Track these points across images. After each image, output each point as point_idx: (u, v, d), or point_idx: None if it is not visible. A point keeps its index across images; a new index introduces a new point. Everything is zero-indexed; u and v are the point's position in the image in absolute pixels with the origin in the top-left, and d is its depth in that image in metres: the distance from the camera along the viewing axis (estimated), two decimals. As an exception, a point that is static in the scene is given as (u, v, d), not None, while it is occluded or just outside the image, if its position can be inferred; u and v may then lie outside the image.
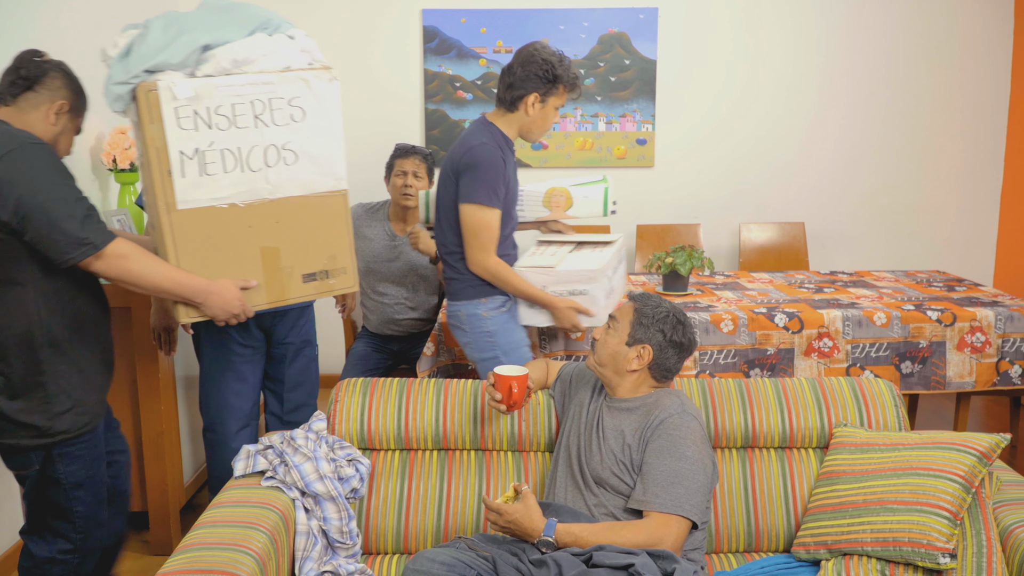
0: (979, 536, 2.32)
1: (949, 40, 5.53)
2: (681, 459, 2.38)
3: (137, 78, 2.46)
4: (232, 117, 2.50)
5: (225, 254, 2.60)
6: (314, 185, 2.67)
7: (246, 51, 2.49)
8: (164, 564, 2.14)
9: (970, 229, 5.78)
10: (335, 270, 2.75)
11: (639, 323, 2.55)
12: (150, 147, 2.47)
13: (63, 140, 2.60)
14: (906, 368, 3.74)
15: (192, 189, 2.51)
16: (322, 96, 2.59)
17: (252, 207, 2.61)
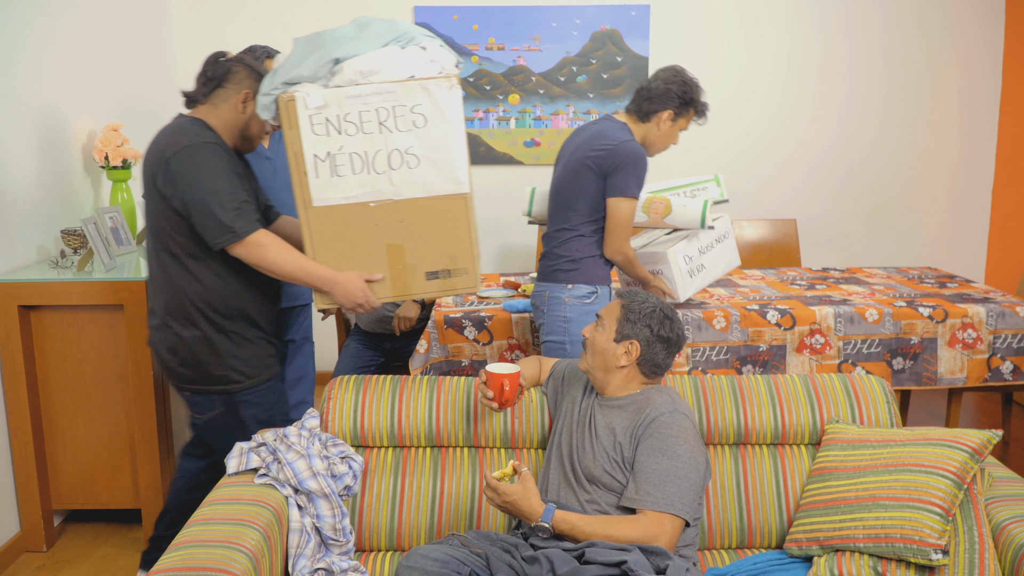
0: (971, 532, 2.33)
1: (941, 37, 5.54)
2: (673, 457, 2.38)
3: (277, 89, 2.70)
4: (359, 123, 2.71)
5: (354, 249, 2.80)
6: (435, 188, 2.79)
7: (371, 63, 2.69)
8: (157, 561, 2.14)
9: (962, 226, 5.79)
10: (456, 270, 2.87)
11: (626, 319, 2.55)
12: (290, 150, 2.71)
13: (254, 124, 2.88)
14: (898, 364, 3.75)
15: (325, 188, 2.73)
16: (442, 103, 2.73)
17: (378, 207, 2.78)
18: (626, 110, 3.46)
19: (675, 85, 3.37)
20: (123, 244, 4.02)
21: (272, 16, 5.39)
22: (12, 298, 3.45)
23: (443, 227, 2.82)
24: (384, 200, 2.77)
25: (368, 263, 2.80)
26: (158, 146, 2.76)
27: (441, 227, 2.82)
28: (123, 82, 4.64)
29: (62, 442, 3.66)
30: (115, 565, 3.56)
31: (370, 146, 2.73)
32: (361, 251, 2.81)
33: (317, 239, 2.78)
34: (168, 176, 2.70)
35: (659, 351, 2.55)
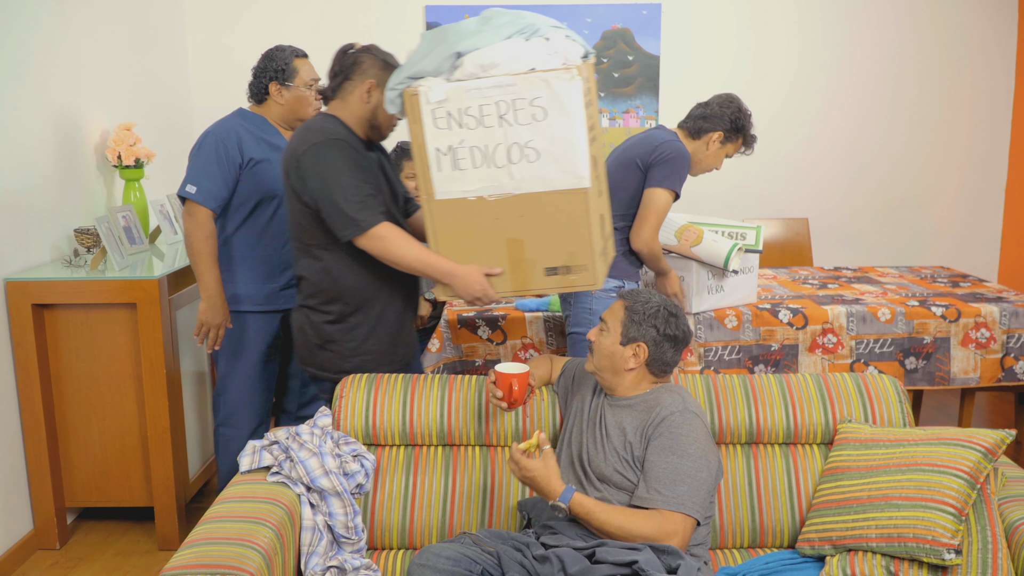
0: (984, 532, 2.33)
1: (953, 36, 5.52)
2: (683, 457, 2.38)
3: (403, 84, 2.73)
4: (479, 117, 2.68)
5: (475, 242, 2.80)
6: (555, 182, 2.73)
7: (492, 56, 2.65)
8: (170, 559, 2.15)
9: (974, 225, 5.77)
10: (576, 266, 2.80)
11: (631, 321, 2.53)
12: (415, 144, 2.74)
13: (381, 114, 2.93)
14: (910, 364, 3.74)
15: (447, 182, 2.74)
16: (561, 95, 2.64)
17: (498, 201, 2.75)
18: (679, 125, 3.56)
19: (730, 111, 3.48)
20: (136, 243, 4.03)
21: (283, 14, 5.40)
22: (26, 297, 3.46)
23: (562, 222, 2.76)
24: (504, 194, 2.74)
25: (488, 257, 2.80)
26: (292, 144, 2.85)
27: (560, 222, 2.76)
28: (136, 81, 4.66)
29: (75, 440, 3.67)
30: (128, 563, 3.58)
31: (490, 140, 2.70)
32: (482, 245, 2.79)
33: (440, 231, 2.79)
34: (299, 173, 2.79)
35: (667, 350, 2.54)
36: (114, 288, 3.53)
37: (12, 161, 3.54)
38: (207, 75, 5.42)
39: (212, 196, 3.29)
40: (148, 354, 3.55)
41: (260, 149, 3.38)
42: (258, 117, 3.45)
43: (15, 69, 3.56)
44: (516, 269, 2.81)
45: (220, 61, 5.41)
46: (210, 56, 5.42)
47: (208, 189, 3.28)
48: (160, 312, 3.53)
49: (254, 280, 3.43)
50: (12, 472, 3.53)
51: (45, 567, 3.53)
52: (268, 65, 3.41)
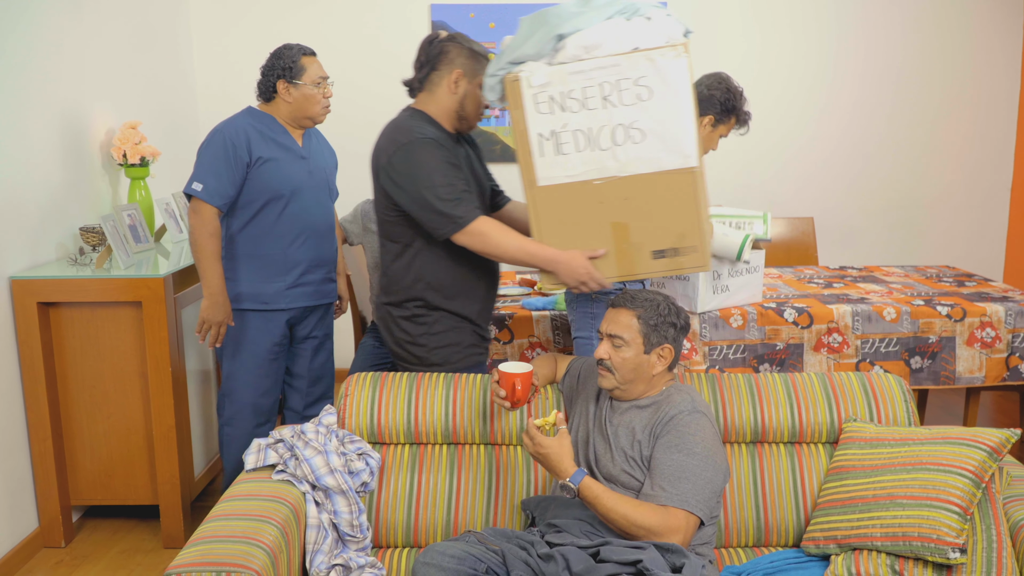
0: (989, 531, 2.32)
1: (959, 35, 5.51)
2: (690, 455, 2.38)
3: (503, 70, 2.71)
4: (583, 100, 2.66)
5: (579, 228, 2.77)
6: (662, 163, 2.70)
7: (594, 37, 2.63)
8: (176, 557, 2.15)
9: (980, 224, 5.76)
10: (684, 248, 2.77)
11: (649, 328, 2.50)
12: (516, 130, 2.71)
13: (469, 104, 2.93)
14: (915, 363, 3.73)
15: (549, 167, 2.72)
16: (667, 73, 2.63)
17: (603, 184, 2.73)
18: None
19: (719, 92, 3.39)
20: (141, 241, 4.03)
21: (288, 13, 5.41)
22: (31, 295, 3.47)
23: (670, 204, 2.73)
24: (609, 177, 2.71)
25: (593, 242, 2.77)
26: (381, 144, 2.88)
27: (668, 204, 2.73)
28: (141, 80, 4.67)
29: (80, 438, 3.68)
30: (133, 561, 3.58)
31: (594, 122, 2.67)
32: (586, 230, 2.76)
33: (543, 219, 2.77)
34: (389, 175, 2.82)
35: (682, 343, 2.57)
36: (119, 286, 3.54)
37: (18, 159, 3.54)
38: (212, 74, 5.43)
39: (218, 194, 3.29)
40: (153, 352, 3.56)
41: (268, 148, 3.38)
42: (267, 116, 3.45)
43: (21, 68, 3.57)
44: (622, 254, 2.78)
45: (225, 60, 5.42)
46: (215, 55, 5.43)
47: (215, 187, 3.28)
48: (165, 310, 3.53)
49: (259, 279, 3.43)
50: (17, 470, 3.53)
51: (50, 565, 3.54)
52: (276, 63, 3.41)
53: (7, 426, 3.46)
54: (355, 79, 5.44)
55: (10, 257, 3.49)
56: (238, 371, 3.49)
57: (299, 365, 3.63)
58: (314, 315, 3.60)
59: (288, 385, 3.68)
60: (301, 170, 3.46)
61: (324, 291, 3.61)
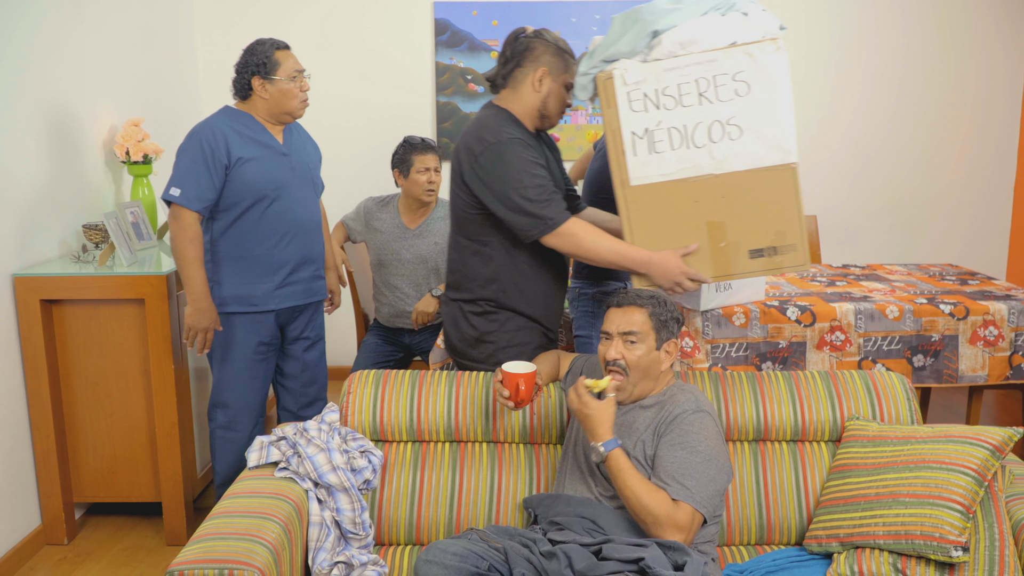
0: (991, 530, 2.32)
1: (962, 34, 5.50)
2: (693, 452, 2.38)
3: (596, 68, 2.69)
4: (678, 96, 2.63)
5: (673, 227, 2.72)
6: (760, 159, 2.67)
7: (691, 33, 2.61)
8: (179, 554, 2.15)
9: (983, 222, 5.76)
10: (784, 246, 2.72)
11: (660, 323, 2.51)
12: (608, 129, 2.68)
13: (551, 102, 2.88)
14: (918, 362, 3.73)
15: (643, 166, 2.68)
16: (767, 68, 2.60)
17: (698, 182, 2.69)
18: None
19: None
20: (144, 239, 4.04)
21: (291, 10, 5.40)
22: (34, 292, 3.47)
23: (769, 201, 2.68)
24: (704, 175, 2.67)
25: (687, 242, 2.73)
26: (467, 142, 2.83)
27: (767, 201, 2.68)
28: (144, 77, 4.67)
29: (83, 435, 3.68)
30: (136, 558, 3.58)
31: (689, 119, 2.64)
32: (680, 230, 2.72)
33: (635, 219, 2.73)
34: (475, 174, 2.78)
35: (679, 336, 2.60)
36: (122, 284, 3.54)
37: (20, 157, 3.55)
38: (215, 71, 5.42)
39: (198, 198, 3.24)
40: (156, 350, 3.56)
41: (248, 148, 3.32)
42: (244, 115, 3.39)
43: (23, 65, 3.57)
44: (717, 253, 2.73)
45: (228, 57, 5.40)
46: (218, 52, 5.43)
47: (194, 191, 3.23)
48: (168, 308, 3.54)
49: (246, 281, 3.39)
50: (20, 468, 3.54)
51: (53, 562, 3.54)
52: (249, 60, 3.35)
53: (10, 423, 3.46)
54: (358, 76, 5.45)
55: (13, 254, 3.50)
56: (228, 375, 3.45)
57: (291, 366, 3.62)
58: (304, 314, 3.57)
59: (281, 386, 3.66)
60: (283, 167, 3.41)
61: (314, 288, 3.58)
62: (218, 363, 3.47)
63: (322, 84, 5.36)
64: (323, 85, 5.36)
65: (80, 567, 3.51)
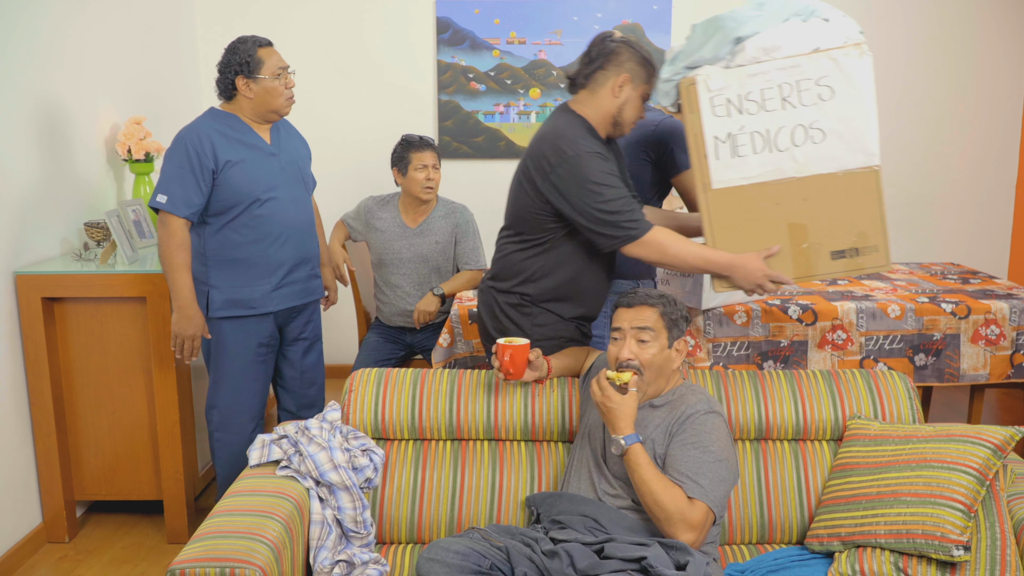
0: (993, 529, 2.32)
1: (964, 32, 5.50)
2: (706, 452, 2.38)
3: (679, 74, 2.74)
4: (761, 101, 2.69)
5: (754, 230, 2.76)
6: (843, 162, 2.72)
7: (774, 39, 2.67)
8: (180, 552, 2.15)
9: (985, 221, 5.75)
10: (865, 248, 2.76)
11: (671, 322, 2.51)
12: (690, 134, 2.73)
13: (628, 110, 2.86)
14: (920, 360, 3.73)
15: (725, 170, 2.73)
16: (851, 72, 2.67)
17: (780, 185, 2.73)
18: None
19: None
20: (146, 237, 4.04)
21: (291, 9, 5.40)
22: (36, 290, 3.47)
23: (851, 203, 2.73)
24: (787, 178, 2.73)
25: (768, 244, 2.76)
26: (542, 149, 2.79)
27: (849, 203, 2.73)
28: (146, 76, 4.67)
29: (85, 434, 3.68)
30: (137, 556, 3.59)
31: (772, 124, 2.70)
32: (761, 232, 2.76)
33: (716, 222, 2.77)
34: (554, 184, 2.75)
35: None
36: (124, 282, 3.54)
37: (22, 155, 3.55)
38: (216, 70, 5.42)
39: (185, 204, 3.20)
40: (158, 348, 3.56)
41: (235, 150, 3.28)
42: (230, 116, 3.34)
43: (24, 63, 3.57)
44: (799, 255, 2.77)
45: (230, 56, 5.42)
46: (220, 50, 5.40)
47: (181, 197, 3.19)
48: (170, 306, 3.53)
49: (241, 284, 3.35)
50: (22, 465, 3.54)
51: (54, 560, 3.54)
52: (232, 59, 3.30)
53: (11, 421, 3.47)
54: (359, 74, 5.45)
55: (14, 252, 3.50)
56: (225, 378, 3.43)
57: (290, 367, 3.61)
58: (303, 315, 3.56)
59: (280, 387, 3.65)
60: (272, 168, 3.37)
61: (311, 288, 3.57)
62: (214, 366, 3.45)
63: (322, 82, 5.36)
64: (323, 83, 5.37)
65: (81, 565, 3.51)
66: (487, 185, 5.47)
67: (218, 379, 3.44)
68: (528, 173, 2.83)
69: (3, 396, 3.42)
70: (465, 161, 5.53)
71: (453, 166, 5.46)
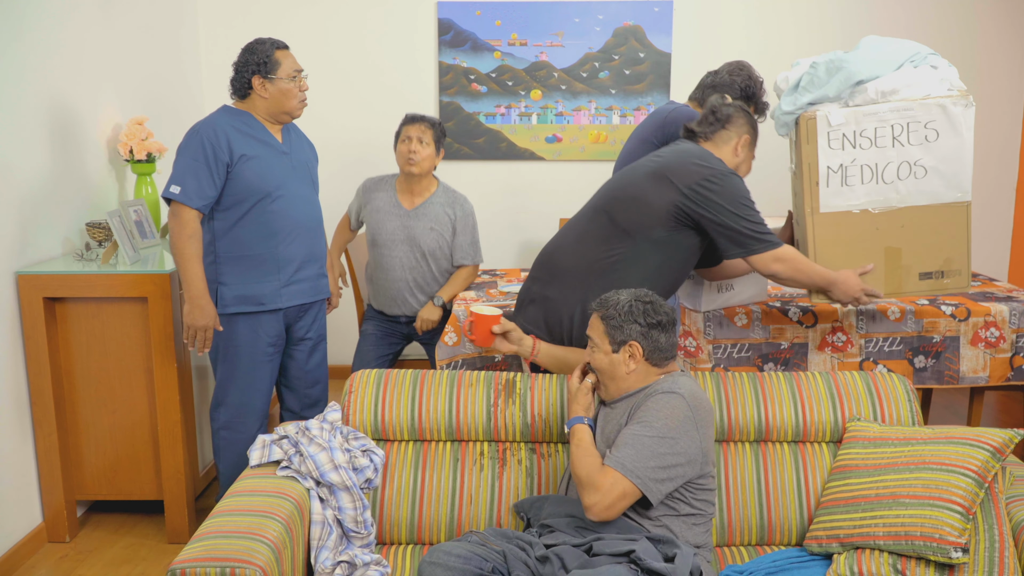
0: (991, 531, 2.33)
1: (964, 34, 5.50)
2: (647, 427, 2.37)
3: (801, 109, 3.13)
4: (873, 138, 3.08)
5: (853, 250, 3.18)
6: (940, 196, 3.13)
7: (892, 83, 3.05)
8: (180, 552, 2.16)
9: (985, 225, 5.75)
10: (950, 271, 3.22)
11: (612, 327, 2.51)
12: (804, 162, 3.13)
13: (743, 167, 3.14)
14: (919, 363, 3.73)
15: (833, 197, 3.14)
16: (956, 119, 3.05)
17: (882, 213, 3.15)
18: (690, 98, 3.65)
19: (740, 78, 3.57)
20: (147, 237, 4.04)
21: (294, 9, 5.41)
22: (37, 290, 3.48)
23: (942, 231, 3.15)
24: (889, 207, 3.14)
25: (864, 263, 3.18)
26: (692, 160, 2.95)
27: (940, 231, 3.15)
28: (148, 76, 4.67)
29: (86, 433, 3.69)
30: (137, 556, 3.59)
31: (881, 159, 3.09)
32: (859, 253, 3.17)
33: (819, 241, 3.17)
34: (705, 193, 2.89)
35: (658, 337, 2.51)
36: (125, 282, 3.55)
37: (24, 155, 3.55)
38: (219, 70, 5.43)
39: (198, 196, 3.23)
40: (159, 348, 3.56)
41: (249, 145, 3.32)
42: (244, 113, 3.39)
43: (26, 63, 3.57)
44: (891, 274, 3.19)
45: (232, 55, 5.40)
46: (222, 50, 5.43)
47: (194, 189, 3.22)
48: (171, 306, 3.54)
49: (251, 280, 3.38)
50: (22, 465, 3.54)
51: (55, 560, 3.55)
52: (249, 59, 3.34)
53: (12, 421, 3.47)
54: (361, 75, 5.45)
55: (16, 252, 3.50)
56: (233, 375, 3.45)
57: (294, 367, 3.62)
58: (310, 313, 3.58)
59: (285, 387, 3.67)
60: (284, 166, 3.41)
61: (319, 287, 3.59)
62: (221, 363, 3.47)
63: (325, 83, 5.36)
64: (326, 84, 5.37)
65: (82, 565, 3.51)
66: (488, 186, 5.48)
67: (226, 377, 3.46)
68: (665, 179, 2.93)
69: (4, 395, 3.42)
70: (466, 162, 5.53)
71: (454, 167, 5.47)
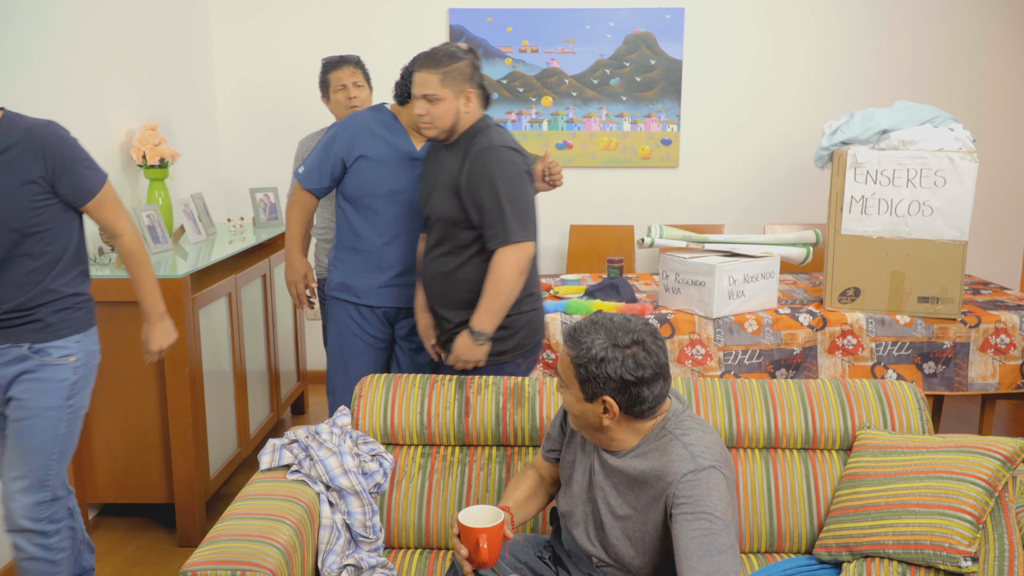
0: (1001, 540, 2.32)
1: (975, 41, 5.49)
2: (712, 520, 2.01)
3: (835, 146, 3.92)
4: (891, 178, 3.74)
5: (863, 268, 3.81)
6: (942, 234, 3.74)
7: (913, 135, 3.76)
8: (191, 555, 2.17)
9: (997, 233, 5.74)
10: (944, 298, 3.77)
11: (583, 376, 2.09)
12: (833, 190, 3.83)
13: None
14: (928, 368, 3.73)
15: (852, 222, 3.81)
16: (961, 171, 3.69)
17: (892, 241, 3.78)
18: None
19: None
20: (160, 242, 4.06)
21: (304, 13, 5.43)
22: (51, 294, 3.48)
23: (941, 264, 3.73)
24: (898, 237, 3.76)
25: (873, 282, 3.79)
26: None
27: (939, 264, 3.73)
28: (161, 82, 4.69)
29: (97, 436, 3.70)
30: (148, 559, 3.60)
31: (896, 195, 3.73)
32: (869, 272, 3.80)
33: (838, 258, 3.82)
34: None
35: (641, 391, 2.08)
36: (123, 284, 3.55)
37: (39, 160, 3.56)
38: (232, 75, 5.46)
39: (309, 179, 3.44)
40: (171, 352, 3.56)
41: (376, 147, 3.34)
42: (392, 115, 3.42)
43: (38, 68, 3.59)
44: (894, 294, 3.79)
45: (244, 61, 5.45)
46: (235, 56, 5.46)
47: (310, 172, 3.44)
48: (184, 311, 3.56)
49: (355, 272, 3.44)
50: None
51: (67, 562, 3.56)
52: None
53: (25, 424, 3.48)
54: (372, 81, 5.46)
55: (30, 256, 3.51)
56: (336, 361, 3.54)
57: (396, 368, 3.59)
58: (411, 317, 3.51)
59: None
60: (407, 171, 3.37)
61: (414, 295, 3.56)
62: (328, 345, 3.61)
63: (337, 89, 5.37)
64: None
65: (93, 567, 3.53)
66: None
67: (332, 357, 3.57)
68: None
69: (17, 399, 3.43)
70: (477, 168, 5.53)
71: (465, 173, 5.47)
